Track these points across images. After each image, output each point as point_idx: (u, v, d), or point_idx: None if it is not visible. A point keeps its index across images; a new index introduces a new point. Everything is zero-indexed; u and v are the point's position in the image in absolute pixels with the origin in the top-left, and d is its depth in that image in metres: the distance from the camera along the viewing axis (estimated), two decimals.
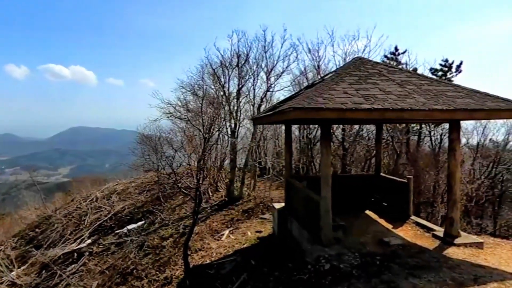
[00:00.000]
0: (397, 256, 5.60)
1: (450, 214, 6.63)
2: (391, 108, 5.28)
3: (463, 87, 6.41)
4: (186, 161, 11.80)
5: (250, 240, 9.46)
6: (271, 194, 15.01)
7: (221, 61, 15.31)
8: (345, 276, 4.99)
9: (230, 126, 15.28)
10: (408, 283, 4.52)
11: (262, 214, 12.29)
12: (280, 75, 15.64)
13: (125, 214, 17.52)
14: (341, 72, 6.76)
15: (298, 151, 19.22)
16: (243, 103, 16.12)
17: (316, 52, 15.92)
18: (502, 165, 20.33)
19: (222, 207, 14.11)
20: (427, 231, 7.09)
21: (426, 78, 6.96)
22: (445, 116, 5.80)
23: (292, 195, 8.40)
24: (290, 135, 9.16)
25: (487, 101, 5.84)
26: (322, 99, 5.34)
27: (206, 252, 9.89)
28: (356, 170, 17.38)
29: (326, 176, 6.13)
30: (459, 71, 20.85)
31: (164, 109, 15.27)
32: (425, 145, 21.50)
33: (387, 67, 7.50)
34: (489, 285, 4.33)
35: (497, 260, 5.52)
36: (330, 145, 6.74)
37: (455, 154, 6.58)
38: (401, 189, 8.34)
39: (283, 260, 6.52)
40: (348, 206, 8.54)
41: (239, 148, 15.85)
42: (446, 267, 5.04)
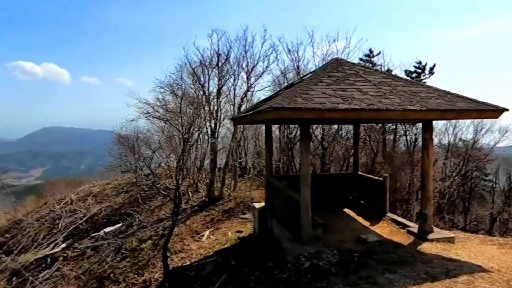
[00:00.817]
0: (374, 252, 5.75)
1: (424, 211, 6.87)
2: (367, 108, 5.41)
3: (435, 88, 6.66)
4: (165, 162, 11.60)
5: (230, 240, 9.43)
6: (251, 194, 15.02)
7: (200, 61, 15.17)
8: (324, 273, 5.07)
9: (210, 126, 15.16)
10: (384, 279, 4.64)
11: (243, 214, 12.28)
12: (261, 75, 15.69)
13: (101, 217, 17.01)
14: (319, 73, 6.86)
15: (279, 150, 19.36)
16: (223, 103, 16.04)
17: (295, 53, 16.09)
18: (472, 163, 21.32)
19: (203, 207, 13.99)
20: (403, 228, 7.32)
21: (401, 79, 7.18)
22: (418, 116, 6.01)
23: (273, 195, 8.44)
24: (270, 135, 9.20)
25: (457, 102, 6.10)
26: (301, 99, 5.39)
27: (186, 254, 9.77)
28: (335, 169, 17.72)
29: (306, 175, 6.20)
30: (432, 73, 21.75)
31: (142, 109, 14.96)
32: (401, 144, 22.23)
33: (364, 68, 7.68)
34: (460, 278, 4.52)
35: (467, 253, 5.78)
36: (309, 144, 6.83)
37: (428, 153, 6.82)
38: (378, 187, 8.57)
39: (264, 260, 6.54)
40: (327, 204, 8.68)
41: (219, 148, 15.76)
42: (420, 261, 5.22)
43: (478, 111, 6.10)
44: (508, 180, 23.31)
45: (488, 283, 4.33)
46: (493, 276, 4.59)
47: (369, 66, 14.98)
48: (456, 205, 21.30)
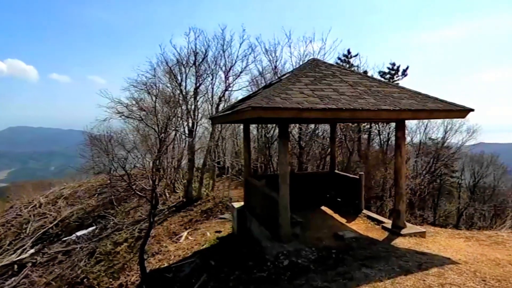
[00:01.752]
0: (351, 248, 5.89)
1: (397, 207, 7.12)
2: (344, 108, 5.53)
3: (408, 89, 6.92)
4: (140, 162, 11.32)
5: (209, 241, 9.35)
6: (230, 193, 14.98)
7: (177, 59, 14.95)
8: (303, 270, 5.14)
9: (188, 126, 14.97)
10: (361, 273, 4.78)
11: (222, 214, 12.22)
12: (239, 74, 15.68)
13: (73, 220, 16.35)
14: (297, 73, 6.94)
15: (257, 150, 19.41)
16: (201, 102, 15.90)
17: (273, 53, 16.21)
18: (441, 161, 22.38)
19: (180, 208, 13.79)
20: (377, 224, 7.56)
21: (375, 80, 7.40)
22: (392, 116, 6.22)
23: (251, 194, 8.46)
24: (248, 134, 9.21)
25: (428, 102, 6.37)
26: (280, 99, 5.44)
27: (164, 256, 9.60)
28: (312, 167, 18.01)
29: (284, 174, 6.26)
30: (405, 75, 22.61)
31: (115, 108, 14.53)
32: (375, 143, 22.94)
33: (340, 69, 7.85)
34: (431, 270, 4.73)
35: (437, 247, 6.06)
36: (287, 143, 6.89)
37: (401, 151, 7.08)
38: (354, 185, 8.80)
39: (244, 259, 6.54)
40: (305, 202, 8.81)
41: (197, 147, 15.59)
42: (394, 256, 5.41)
43: (447, 111, 6.40)
44: (473, 176, 24.64)
45: (457, 274, 4.56)
46: (461, 267, 4.84)
47: (345, 67, 15.34)
48: (426, 201, 22.28)
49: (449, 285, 4.22)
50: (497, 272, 4.72)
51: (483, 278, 4.43)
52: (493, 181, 24.56)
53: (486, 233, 7.69)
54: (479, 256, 5.52)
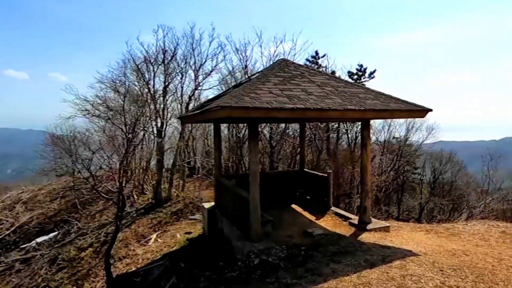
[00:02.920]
0: (319, 245, 6.04)
1: (363, 204, 7.40)
2: (312, 108, 5.65)
3: (372, 90, 7.20)
4: (106, 163, 10.87)
5: (179, 243, 9.19)
6: (201, 194, 14.80)
7: (145, 57, 14.52)
8: (273, 268, 5.20)
9: (156, 125, 14.60)
10: (329, 269, 4.91)
11: (192, 215, 12.06)
12: (209, 73, 15.53)
13: (33, 226, 15.39)
14: (266, 73, 6.99)
15: (228, 149, 19.34)
16: (170, 101, 15.57)
17: (243, 52, 16.20)
18: (404, 158, 23.51)
19: (149, 210, 13.43)
20: (345, 220, 7.81)
21: (342, 81, 7.63)
22: (357, 116, 6.44)
23: (222, 194, 8.41)
24: (219, 134, 9.15)
25: (390, 103, 6.67)
26: (249, 98, 5.45)
27: (132, 259, 9.31)
28: (283, 166, 18.23)
29: (255, 173, 6.28)
30: (372, 77, 23.48)
31: (80, 106, 13.87)
32: (343, 142, 23.64)
33: (308, 69, 8.01)
34: (394, 263, 4.96)
35: (400, 240, 6.36)
36: (258, 143, 6.93)
37: (366, 149, 7.36)
38: (323, 183, 9.02)
39: (214, 259, 6.49)
40: (276, 201, 8.91)
41: (166, 148, 15.25)
42: (360, 250, 5.62)
43: (408, 111, 6.74)
44: (433, 173, 26.10)
45: (417, 266, 4.82)
46: (421, 259, 5.12)
47: (314, 68, 15.67)
48: (391, 197, 23.30)
49: (410, 276, 4.45)
50: (453, 261, 5.04)
51: (440, 268, 4.71)
52: (451, 177, 26.16)
53: (444, 225, 8.20)
54: (437, 247, 5.87)
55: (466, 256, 5.39)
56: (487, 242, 6.51)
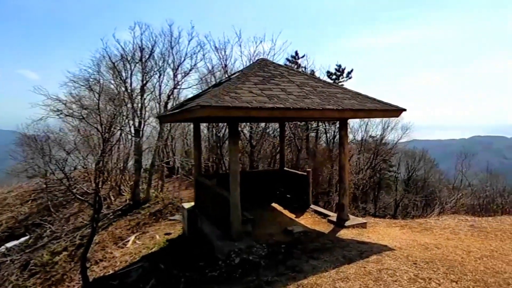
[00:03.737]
0: (299, 242, 6.13)
1: (341, 201, 7.57)
2: (291, 108, 5.73)
3: (349, 90, 7.38)
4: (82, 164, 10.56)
5: (159, 244, 9.06)
6: (180, 194, 14.64)
7: (122, 54, 14.19)
8: (254, 267, 5.23)
9: (134, 125, 14.29)
10: (308, 266, 5.00)
11: (172, 216, 11.90)
12: (188, 72, 15.38)
13: (2, 230, 14.67)
14: (246, 72, 7.01)
15: (208, 149, 19.21)
16: (148, 100, 15.28)
17: (223, 51, 16.16)
18: (380, 156, 24.22)
19: (127, 211, 13.14)
20: (324, 217, 7.96)
21: (321, 81, 7.77)
22: (335, 115, 6.59)
23: (202, 194, 8.36)
24: (198, 134, 9.09)
25: (367, 102, 6.86)
26: (229, 98, 5.45)
27: (109, 262, 9.08)
28: (263, 165, 18.33)
29: (235, 173, 6.29)
30: (350, 77, 24.00)
31: (52, 106, 13.34)
32: (322, 141, 24.06)
33: (287, 69, 8.10)
34: (371, 258, 5.12)
35: (376, 236, 6.57)
36: (238, 142, 6.94)
37: (344, 148, 7.54)
38: (302, 181, 9.15)
39: (195, 260, 6.45)
40: (256, 200, 8.96)
41: (144, 148, 14.94)
42: (339, 247, 5.75)
43: (383, 110, 6.96)
44: (407, 170, 27.07)
45: (393, 260, 5.00)
46: (396, 253, 5.31)
47: (293, 68, 15.85)
48: (368, 194, 23.96)
49: (386, 270, 4.60)
50: (426, 255, 5.26)
51: (414, 261, 4.91)
52: (424, 174, 27.24)
53: (417, 221, 8.52)
54: (411, 242, 6.10)
55: (438, 249, 5.63)
56: (457, 235, 6.83)
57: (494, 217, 8.71)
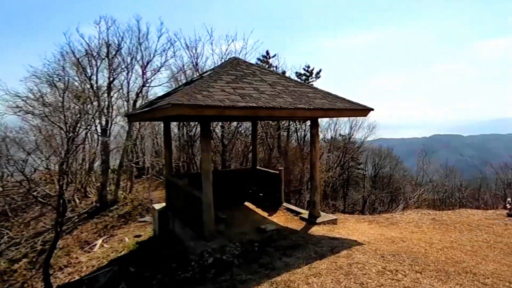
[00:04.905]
0: (272, 240, 6.19)
1: (312, 198, 7.74)
2: (264, 106, 5.76)
3: (320, 90, 7.54)
4: (43, 165, 9.97)
5: (128, 247, 8.77)
6: (151, 195, 14.27)
7: (86, 50, 13.56)
8: (227, 266, 5.21)
9: (101, 124, 13.73)
10: (281, 263, 5.06)
11: (142, 217, 11.57)
12: (158, 70, 15.02)
13: None
14: (218, 71, 6.96)
15: (179, 149, 18.86)
16: (115, 98, 14.74)
17: (194, 49, 15.93)
18: (348, 154, 25.00)
19: (93, 214, 12.60)
20: (296, 215, 8.09)
21: (292, 81, 7.88)
22: (307, 114, 6.70)
23: (173, 194, 8.20)
24: (169, 133, 8.89)
25: (337, 102, 7.05)
26: (201, 96, 5.38)
27: (75, 268, 8.66)
28: (235, 164, 18.29)
29: (207, 172, 6.23)
30: (319, 77, 24.51)
31: (10, 102, 12.49)
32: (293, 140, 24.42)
33: (260, 68, 8.13)
34: (341, 253, 5.28)
35: (346, 232, 6.78)
36: (210, 141, 6.87)
37: (315, 147, 7.70)
38: (274, 180, 9.24)
39: (166, 261, 6.31)
40: (229, 199, 8.93)
41: (112, 147, 14.40)
42: (311, 243, 5.88)
43: (352, 110, 7.18)
44: (374, 167, 28.16)
45: (362, 254, 5.18)
46: (365, 247, 5.51)
47: (265, 67, 15.94)
48: (338, 191, 24.64)
49: (356, 264, 4.77)
50: (393, 248, 5.51)
51: (382, 254, 5.12)
52: (389, 171, 28.47)
53: (384, 216, 8.90)
54: (379, 236, 6.37)
55: (403, 242, 5.92)
56: (421, 228, 7.22)
57: (453, 210, 9.31)
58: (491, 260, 5.09)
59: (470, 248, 5.66)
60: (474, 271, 4.58)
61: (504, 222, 7.33)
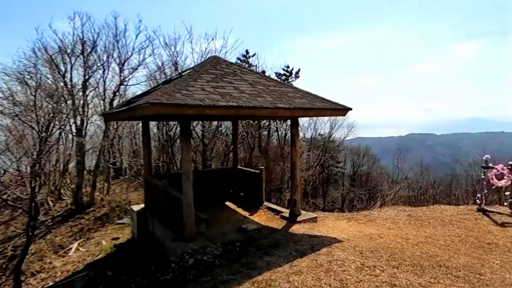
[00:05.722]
0: (253, 239, 6.19)
1: (293, 197, 7.80)
2: (244, 106, 5.75)
3: (300, 89, 7.62)
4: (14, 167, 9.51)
5: (105, 250, 8.53)
6: (129, 196, 13.93)
7: (60, 47, 13.06)
8: (208, 267, 5.17)
9: (76, 123, 13.26)
10: (263, 262, 5.08)
11: (120, 219, 11.29)
12: (136, 68, 14.67)
13: None
14: (198, 70, 6.88)
15: (158, 149, 18.52)
16: (91, 97, 14.28)
17: (173, 47, 15.68)
18: (328, 153, 25.42)
19: (68, 217, 12.17)
20: (277, 214, 8.14)
21: (272, 80, 7.91)
22: (287, 114, 6.76)
23: (153, 195, 8.04)
24: (148, 132, 8.71)
25: (317, 102, 7.14)
26: (181, 95, 5.30)
27: (48, 273, 8.33)
28: (216, 164, 18.17)
29: (187, 172, 6.15)
30: (298, 77, 24.76)
31: None
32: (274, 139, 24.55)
33: (240, 67, 8.11)
34: (322, 250, 5.35)
35: (326, 229, 6.89)
36: (190, 141, 6.78)
37: (295, 146, 7.77)
38: (255, 179, 9.25)
39: (146, 264, 6.18)
40: (210, 199, 8.86)
41: (88, 148, 13.94)
42: (292, 242, 5.93)
43: (332, 109, 7.30)
44: (353, 166, 28.80)
45: (341, 251, 5.28)
46: (344, 244, 5.62)
47: (245, 66, 15.92)
48: (318, 189, 25.00)
49: (335, 261, 4.85)
50: (371, 244, 5.65)
51: (360, 251, 5.24)
52: (367, 169, 29.20)
53: (362, 213, 9.11)
54: (357, 233, 6.50)
55: (381, 238, 6.08)
56: (397, 225, 7.44)
57: (427, 206, 9.65)
58: (462, 253, 5.32)
59: (444, 242, 5.89)
60: (447, 264, 4.77)
61: (474, 217, 7.68)
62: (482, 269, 4.66)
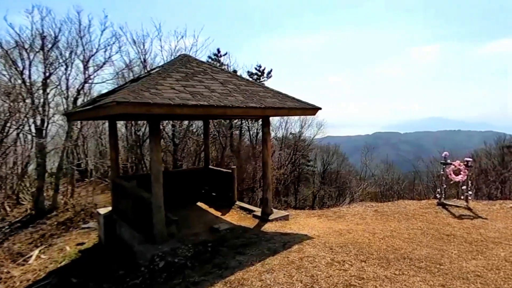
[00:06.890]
0: (225, 239, 6.16)
1: (265, 196, 7.85)
2: (215, 105, 5.70)
3: (271, 89, 7.67)
4: None
5: (69, 256, 8.12)
6: (95, 199, 13.36)
7: (17, 41, 12.24)
8: (180, 269, 5.07)
9: (35, 123, 12.49)
10: (235, 261, 5.06)
11: (85, 223, 10.79)
12: (102, 66, 14.08)
13: None
14: (168, 68, 6.73)
15: (126, 149, 17.91)
16: (52, 95, 13.52)
17: (141, 45, 15.23)
18: (299, 152, 25.86)
19: (28, 223, 11.45)
20: (249, 213, 8.15)
21: (243, 79, 7.91)
22: (258, 113, 6.79)
23: (120, 197, 7.76)
24: (115, 132, 8.39)
25: (287, 101, 7.23)
26: (149, 94, 5.16)
27: (6, 284, 7.77)
28: (187, 164, 17.89)
29: (157, 173, 6.00)
30: (270, 76, 24.97)
31: None
32: (246, 139, 24.59)
33: (211, 66, 8.03)
34: (293, 248, 5.43)
35: (297, 227, 7.00)
36: (160, 141, 6.62)
37: (267, 145, 7.82)
38: (227, 179, 9.21)
39: (114, 269, 5.96)
40: (181, 200, 8.70)
41: (49, 149, 13.19)
42: (264, 240, 5.96)
43: (302, 109, 7.43)
44: (323, 164, 29.51)
45: (312, 247, 5.39)
46: (315, 241, 5.75)
47: (216, 65, 15.78)
48: (289, 188, 25.37)
49: (306, 258, 4.94)
50: (340, 240, 5.82)
51: (330, 247, 5.38)
52: (336, 167, 30.05)
53: (332, 210, 9.36)
54: (327, 229, 6.67)
55: (350, 234, 6.28)
56: (365, 220, 7.72)
57: (392, 202, 10.09)
58: (424, 245, 5.62)
59: (407, 235, 6.19)
60: (410, 256, 5.01)
61: (435, 211, 8.14)
62: (442, 259, 4.94)
